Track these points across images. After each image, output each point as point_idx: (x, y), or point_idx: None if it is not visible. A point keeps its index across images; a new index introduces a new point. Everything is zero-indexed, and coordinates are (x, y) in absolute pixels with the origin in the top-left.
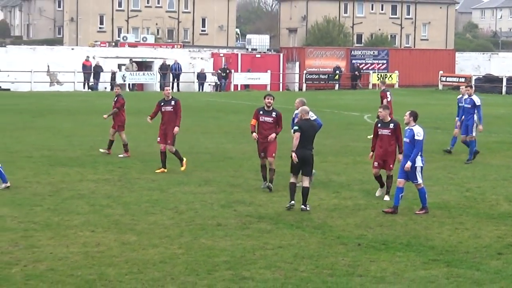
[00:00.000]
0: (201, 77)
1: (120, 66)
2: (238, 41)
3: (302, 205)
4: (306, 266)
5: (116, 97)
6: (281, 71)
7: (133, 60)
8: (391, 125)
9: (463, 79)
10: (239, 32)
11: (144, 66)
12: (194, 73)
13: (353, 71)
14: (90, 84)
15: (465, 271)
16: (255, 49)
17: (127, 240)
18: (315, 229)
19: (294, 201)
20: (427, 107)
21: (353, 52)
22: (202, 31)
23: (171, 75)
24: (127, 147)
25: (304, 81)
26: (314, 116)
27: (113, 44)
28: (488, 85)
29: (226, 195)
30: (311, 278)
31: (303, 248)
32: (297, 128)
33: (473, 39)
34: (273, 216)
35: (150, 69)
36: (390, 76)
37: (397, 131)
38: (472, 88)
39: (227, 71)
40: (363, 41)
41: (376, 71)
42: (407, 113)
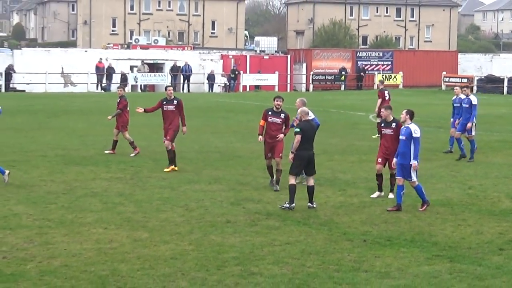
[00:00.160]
0: (211, 78)
1: (132, 67)
2: (246, 43)
3: (309, 203)
4: (313, 261)
5: (119, 98)
6: (289, 72)
7: (145, 62)
8: (393, 125)
9: (465, 80)
10: (247, 34)
11: (155, 67)
12: (204, 74)
13: (358, 72)
14: (103, 85)
15: (468, 267)
16: (263, 51)
17: (139, 236)
18: (322, 225)
19: (294, 204)
20: (431, 107)
21: (358, 53)
22: (211, 33)
23: (181, 76)
24: (134, 144)
25: (311, 82)
26: (312, 115)
27: (125, 46)
28: (490, 85)
29: (235, 193)
30: (317, 273)
31: (310, 244)
32: (299, 130)
33: (475, 40)
34: (281, 213)
35: (161, 71)
36: (394, 76)
37: (399, 131)
38: (468, 88)
39: (236, 72)
40: (368, 43)
41: (381, 72)
42: (403, 112)
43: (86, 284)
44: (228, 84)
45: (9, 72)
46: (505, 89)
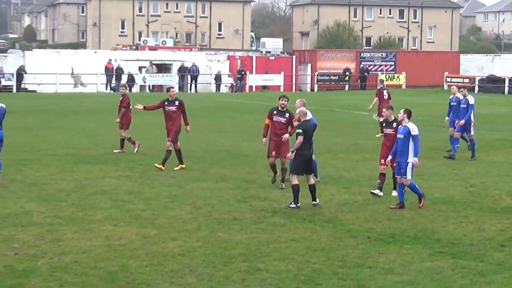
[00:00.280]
0: (218, 79)
1: (140, 68)
2: (252, 44)
3: (313, 201)
4: (318, 258)
5: (122, 97)
6: (294, 73)
7: (153, 62)
8: (395, 124)
9: (467, 80)
10: (253, 35)
11: (163, 68)
12: (211, 75)
13: (362, 73)
14: (112, 85)
15: (470, 263)
16: (269, 52)
17: (147, 233)
18: (326, 223)
19: (300, 203)
20: (433, 106)
21: (362, 54)
22: (218, 35)
23: (189, 76)
24: (131, 139)
25: (315, 82)
26: (310, 116)
27: (134, 47)
28: (491, 85)
29: (241, 191)
30: (322, 269)
31: (315, 241)
32: (301, 131)
33: (476, 41)
34: (286, 211)
35: (169, 71)
36: (397, 77)
37: None
38: (465, 89)
39: (242, 73)
40: (372, 44)
41: (384, 72)
42: (401, 111)
43: (96, 280)
44: (234, 84)
45: (21, 72)
46: (506, 89)
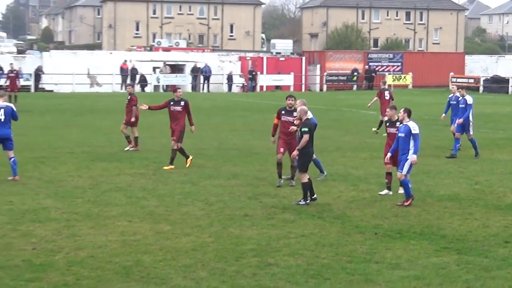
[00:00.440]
0: (230, 79)
1: (154, 69)
2: (263, 46)
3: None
4: (326, 253)
5: (129, 96)
6: (304, 73)
7: (167, 63)
8: (398, 124)
9: (472, 80)
10: (264, 37)
11: (176, 68)
12: (223, 75)
13: (369, 73)
14: (127, 85)
15: (474, 258)
16: (279, 53)
17: (161, 229)
18: (335, 219)
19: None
20: (439, 106)
21: (370, 55)
22: (230, 36)
23: (201, 77)
24: (129, 139)
25: (324, 82)
26: (310, 115)
27: (148, 48)
28: (495, 85)
29: (252, 188)
30: (331, 264)
31: (324, 237)
32: (307, 130)
33: (481, 42)
34: (296, 207)
35: (182, 72)
36: (404, 77)
37: None
38: (463, 89)
39: (253, 73)
40: (379, 45)
41: (391, 73)
42: (401, 110)
43: (111, 274)
44: (246, 84)
45: (38, 73)
46: (510, 89)
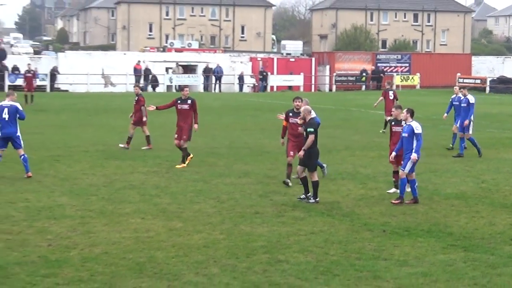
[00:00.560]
0: (241, 79)
1: (167, 69)
2: (274, 47)
3: (315, 198)
4: (335, 250)
5: (137, 97)
6: (313, 74)
7: (179, 63)
8: (403, 123)
9: (478, 81)
10: (275, 38)
11: (189, 69)
12: (234, 75)
13: (378, 74)
14: (140, 85)
15: (481, 256)
16: (290, 54)
17: (173, 226)
18: (344, 216)
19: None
20: (446, 106)
21: (378, 56)
22: (241, 37)
23: (213, 77)
24: (129, 140)
25: (334, 83)
26: (314, 114)
27: (161, 49)
28: (501, 86)
29: (263, 186)
30: (340, 261)
31: (333, 234)
32: (313, 130)
33: (488, 44)
34: (306, 205)
35: (194, 72)
36: (412, 78)
37: None
38: (465, 89)
39: (264, 73)
40: (387, 46)
41: (399, 73)
42: (404, 111)
43: (125, 270)
44: (257, 84)
45: (54, 73)
46: None
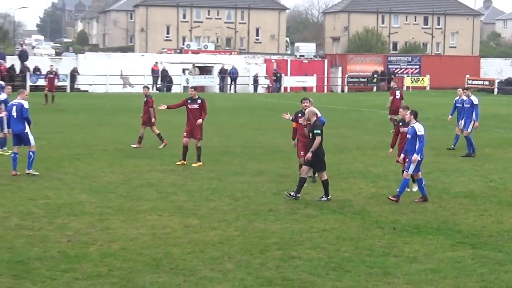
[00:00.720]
0: (255, 80)
1: (184, 70)
2: (287, 49)
3: (326, 197)
4: (347, 247)
5: (145, 98)
6: (326, 75)
7: (196, 65)
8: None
9: (487, 82)
10: (288, 40)
11: (205, 70)
12: (249, 76)
13: (389, 75)
14: (158, 86)
15: (489, 253)
16: (303, 56)
17: (190, 223)
18: (355, 214)
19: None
20: None
21: (389, 58)
22: (256, 39)
23: (229, 78)
24: (141, 140)
25: (346, 84)
26: (318, 114)
27: (178, 51)
28: (509, 87)
29: (277, 184)
30: (351, 258)
31: (344, 231)
32: (319, 132)
33: (496, 46)
34: (318, 203)
35: (210, 73)
36: (422, 79)
37: None
38: (469, 90)
39: (278, 75)
40: (398, 48)
41: (410, 75)
42: (407, 112)
43: (142, 265)
44: (271, 85)
45: (74, 74)
46: None
